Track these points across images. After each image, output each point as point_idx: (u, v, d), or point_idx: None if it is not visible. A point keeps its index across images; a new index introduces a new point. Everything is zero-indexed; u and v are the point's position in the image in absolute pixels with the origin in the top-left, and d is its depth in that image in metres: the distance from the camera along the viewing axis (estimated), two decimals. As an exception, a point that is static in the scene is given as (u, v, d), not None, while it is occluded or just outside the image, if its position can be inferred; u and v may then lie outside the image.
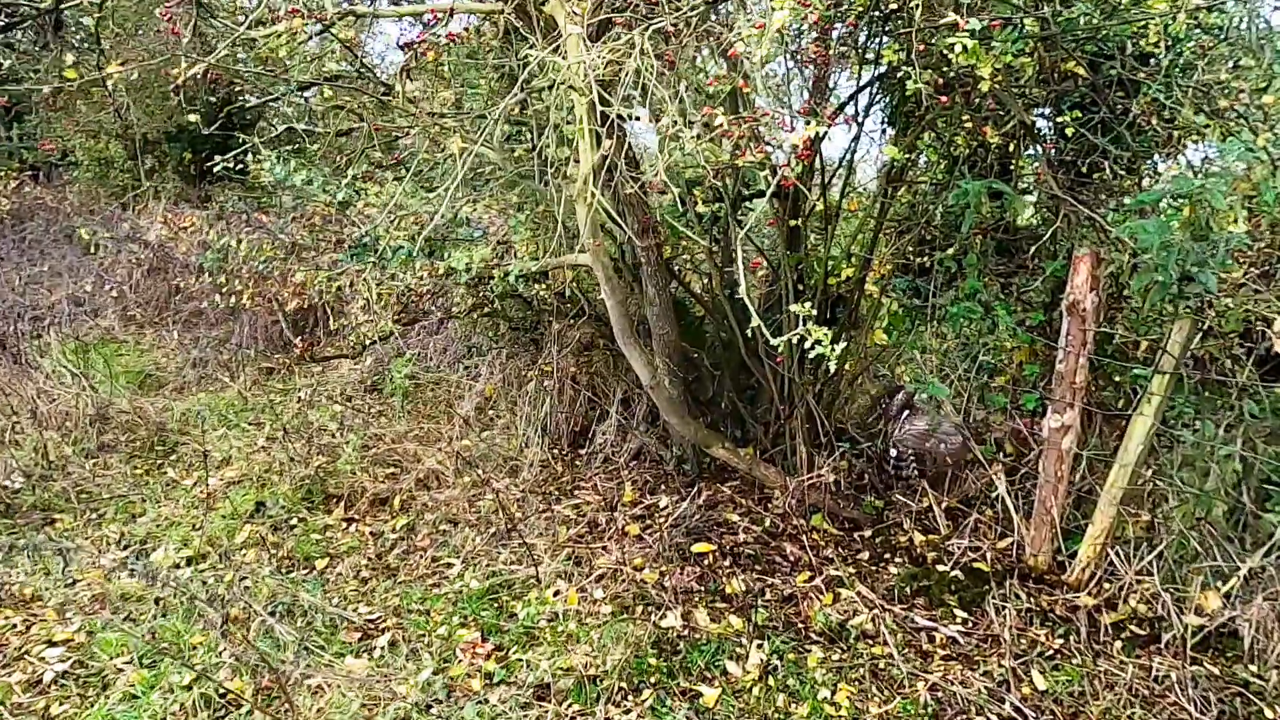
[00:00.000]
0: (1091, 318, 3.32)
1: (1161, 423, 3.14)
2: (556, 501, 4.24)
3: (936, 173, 4.06)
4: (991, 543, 3.70)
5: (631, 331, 3.42)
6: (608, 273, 3.17)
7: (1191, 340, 3.01)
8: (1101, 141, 3.16)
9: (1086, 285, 3.28)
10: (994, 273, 3.70)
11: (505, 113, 3.10)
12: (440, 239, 4.23)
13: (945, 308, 3.59)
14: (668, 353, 3.95)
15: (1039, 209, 3.51)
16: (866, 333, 4.26)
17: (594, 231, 3.02)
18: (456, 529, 4.07)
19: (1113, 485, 3.28)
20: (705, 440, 3.94)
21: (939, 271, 3.83)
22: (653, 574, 3.50)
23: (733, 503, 4.10)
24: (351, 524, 4.27)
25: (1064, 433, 3.40)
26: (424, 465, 4.67)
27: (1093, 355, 3.35)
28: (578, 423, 5.06)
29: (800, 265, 4.19)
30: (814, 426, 4.12)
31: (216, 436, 5.60)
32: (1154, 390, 3.12)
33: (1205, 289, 2.63)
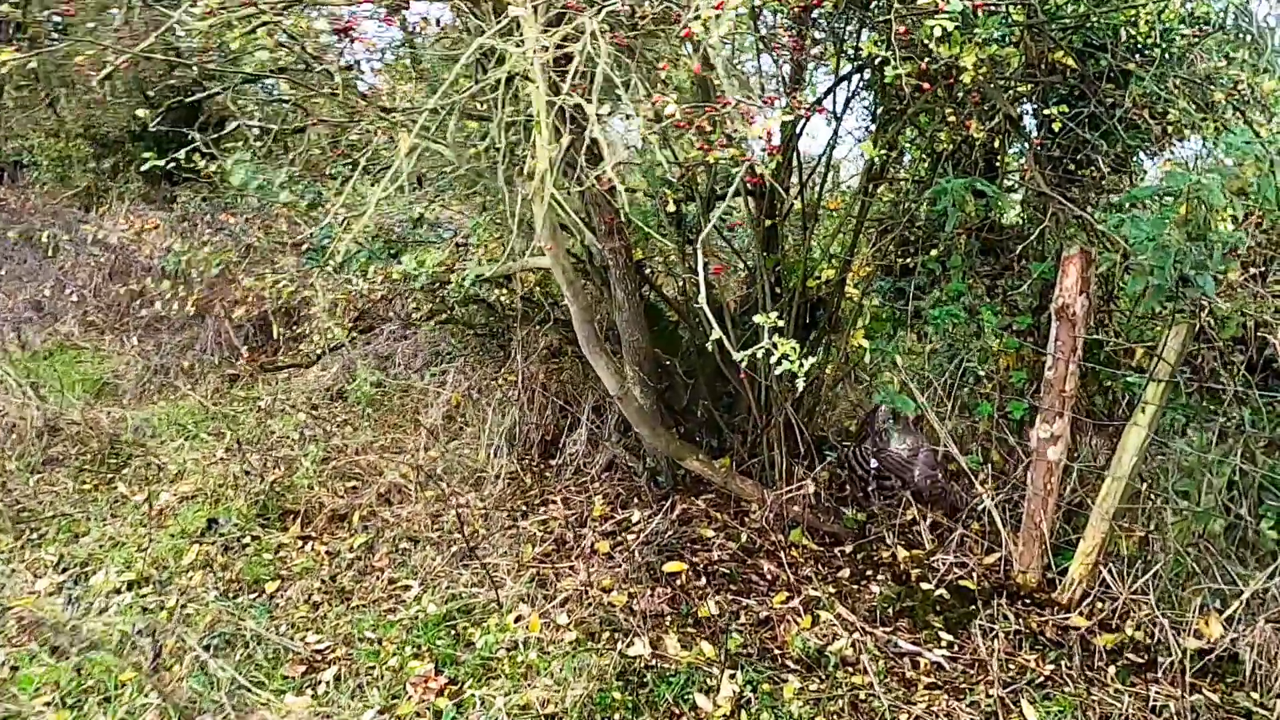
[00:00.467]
0: (1082, 322, 3.14)
1: (1156, 433, 2.97)
2: (523, 516, 4.03)
3: (919, 170, 3.88)
4: (978, 558, 3.52)
5: (597, 339, 3.22)
6: (569, 277, 2.96)
7: (1187, 346, 2.84)
8: (1092, 137, 2.98)
9: (1076, 288, 3.10)
10: (979, 274, 3.52)
11: (460, 106, 2.90)
12: (401, 241, 4.02)
13: (927, 311, 3.41)
14: (638, 360, 3.75)
15: (1025, 207, 3.34)
16: (847, 337, 4.08)
17: (552, 233, 2.82)
18: (417, 547, 3.85)
19: (1105, 499, 3.10)
20: (678, 452, 3.74)
21: (921, 273, 3.64)
22: (621, 596, 3.30)
23: (708, 517, 3.91)
24: (307, 542, 4.05)
25: (1053, 443, 3.23)
26: (386, 479, 4.45)
27: (1083, 362, 3.17)
28: (548, 431, 4.85)
29: (778, 267, 4.00)
30: (793, 435, 3.93)
31: (173, 448, 5.35)
32: (1148, 399, 2.95)
33: (1203, 293, 2.46)
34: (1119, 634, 2.95)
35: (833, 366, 4.26)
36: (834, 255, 4.02)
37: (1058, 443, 3.22)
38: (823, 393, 4.18)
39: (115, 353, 7.44)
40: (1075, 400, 3.24)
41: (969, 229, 3.44)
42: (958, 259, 3.46)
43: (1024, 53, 3.23)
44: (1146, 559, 3.08)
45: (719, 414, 4.21)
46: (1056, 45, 3.10)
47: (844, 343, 4.12)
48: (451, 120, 2.94)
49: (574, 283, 2.98)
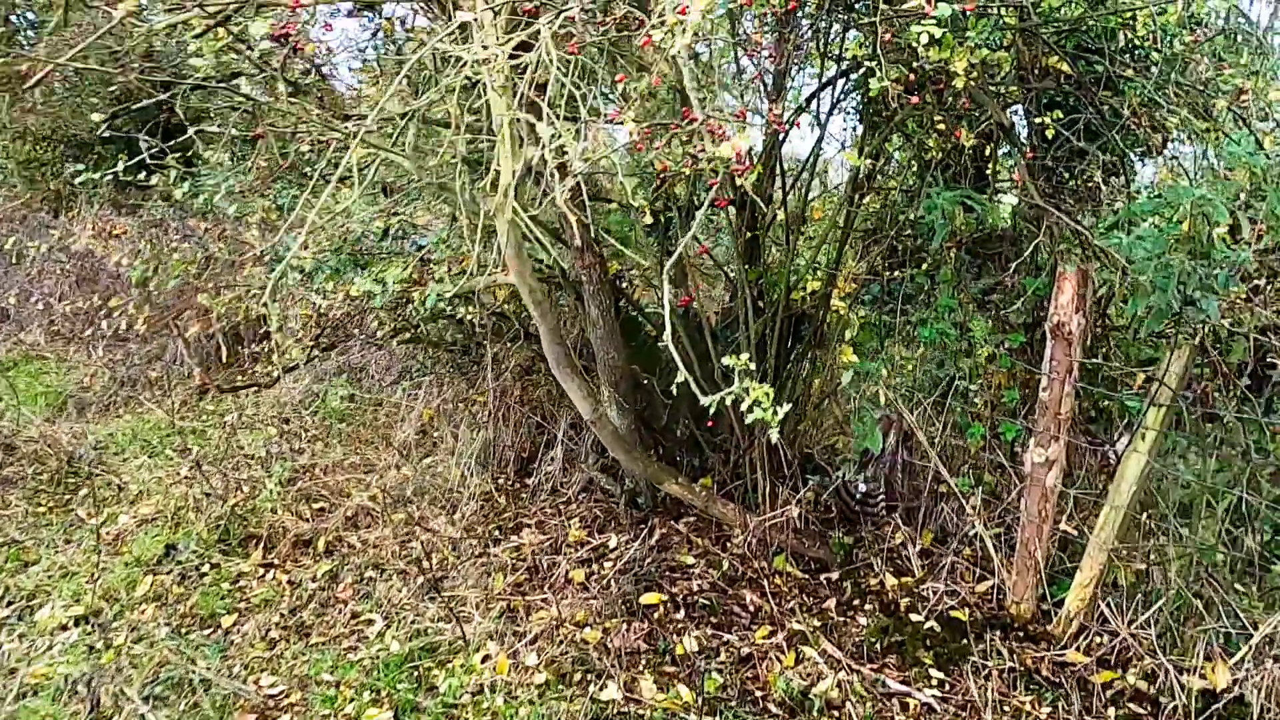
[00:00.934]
0: (1078, 341, 2.98)
1: (1157, 460, 2.82)
2: (495, 542, 3.85)
3: (907, 178, 3.71)
4: (970, 586, 3.36)
5: (569, 360, 3.04)
6: (536, 296, 2.78)
7: (1189, 369, 2.69)
8: (1090, 149, 2.82)
9: (1072, 305, 2.95)
10: (969, 289, 3.36)
11: (420, 114, 2.71)
12: (368, 253, 3.83)
13: (917, 328, 3.25)
14: (614, 379, 3.57)
15: (1015, 220, 3.17)
16: (832, 352, 3.91)
17: (517, 251, 2.64)
18: (382, 577, 3.67)
19: (1102, 528, 2.95)
20: (656, 476, 3.57)
21: (910, 287, 3.48)
22: (595, 632, 3.13)
23: (689, 542, 3.74)
24: (269, 570, 3.86)
25: (1048, 468, 3.07)
26: (354, 501, 4.26)
27: (1079, 383, 3.02)
28: (524, 448, 4.67)
29: (760, 280, 3.83)
30: (777, 456, 3.77)
31: (135, 466, 5.15)
32: (1149, 424, 2.80)
33: (1207, 315, 2.30)
34: (1118, 672, 2.80)
35: (819, 382, 4.10)
36: (819, 267, 3.85)
37: (1053, 467, 3.07)
38: (807, 410, 4.01)
39: (81, 363, 7.22)
40: (1071, 423, 3.08)
41: (959, 242, 3.28)
42: (947, 272, 3.30)
43: (1016, 57, 3.07)
44: (1146, 591, 2.93)
45: (700, 432, 4.04)
46: (1050, 49, 2.94)
47: (830, 358, 3.95)
48: (410, 129, 2.76)
49: (541, 303, 2.80)
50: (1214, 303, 2.28)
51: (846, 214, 3.73)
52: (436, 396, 4.76)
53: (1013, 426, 3.24)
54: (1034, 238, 3.13)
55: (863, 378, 3.45)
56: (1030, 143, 3.10)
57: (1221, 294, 2.38)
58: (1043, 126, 3.13)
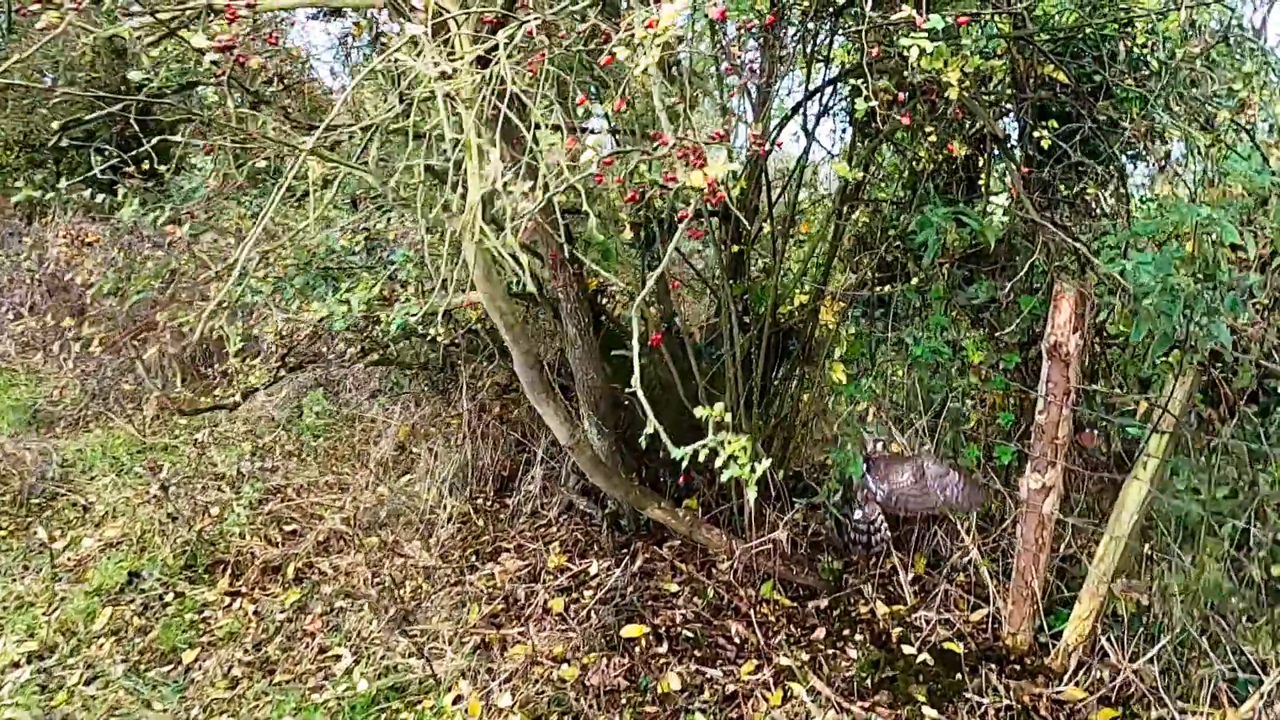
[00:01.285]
0: (1076, 362, 2.86)
1: (1159, 489, 2.69)
2: (472, 569, 3.70)
3: (897, 189, 3.58)
4: (964, 615, 3.24)
5: (543, 384, 2.90)
6: (508, 319, 2.64)
7: (1193, 395, 2.56)
8: (1090, 164, 2.69)
9: (1069, 326, 2.82)
10: (963, 306, 3.23)
11: (384, 127, 2.56)
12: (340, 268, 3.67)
13: (909, 348, 3.12)
14: (594, 400, 3.43)
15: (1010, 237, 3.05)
16: (821, 369, 3.78)
17: (486, 273, 2.49)
18: (353, 607, 3.51)
19: (1102, 559, 2.82)
20: (638, 501, 3.43)
21: (900, 303, 3.35)
22: (573, 669, 2.98)
23: (672, 568, 3.60)
24: (236, 599, 3.70)
25: (1045, 495, 2.94)
26: (325, 525, 4.10)
27: (1077, 406, 2.89)
28: (504, 467, 4.52)
29: (745, 295, 3.70)
30: (764, 478, 3.63)
31: (103, 485, 4.97)
32: (1151, 451, 2.67)
33: (1218, 342, 2.17)
34: (1119, 711, 2.67)
35: (808, 398, 3.96)
36: (807, 279, 3.72)
37: (1050, 494, 2.94)
38: (796, 428, 3.88)
39: (52, 375, 7.02)
40: (1069, 448, 2.96)
41: (952, 257, 3.15)
42: (939, 288, 3.17)
43: (1011, 66, 2.94)
44: (1147, 623, 2.80)
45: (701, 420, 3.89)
46: (1046, 58, 2.81)
47: (819, 374, 3.82)
48: (374, 144, 2.61)
49: (513, 326, 2.66)
50: (1224, 327, 2.15)
51: (835, 227, 3.60)
52: (413, 413, 4.61)
53: (1007, 450, 3.11)
54: (1030, 254, 3.00)
55: (850, 399, 3.32)
56: (1025, 153, 2.97)
57: (1227, 316, 2.26)
58: (1038, 138, 3.00)
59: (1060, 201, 3.06)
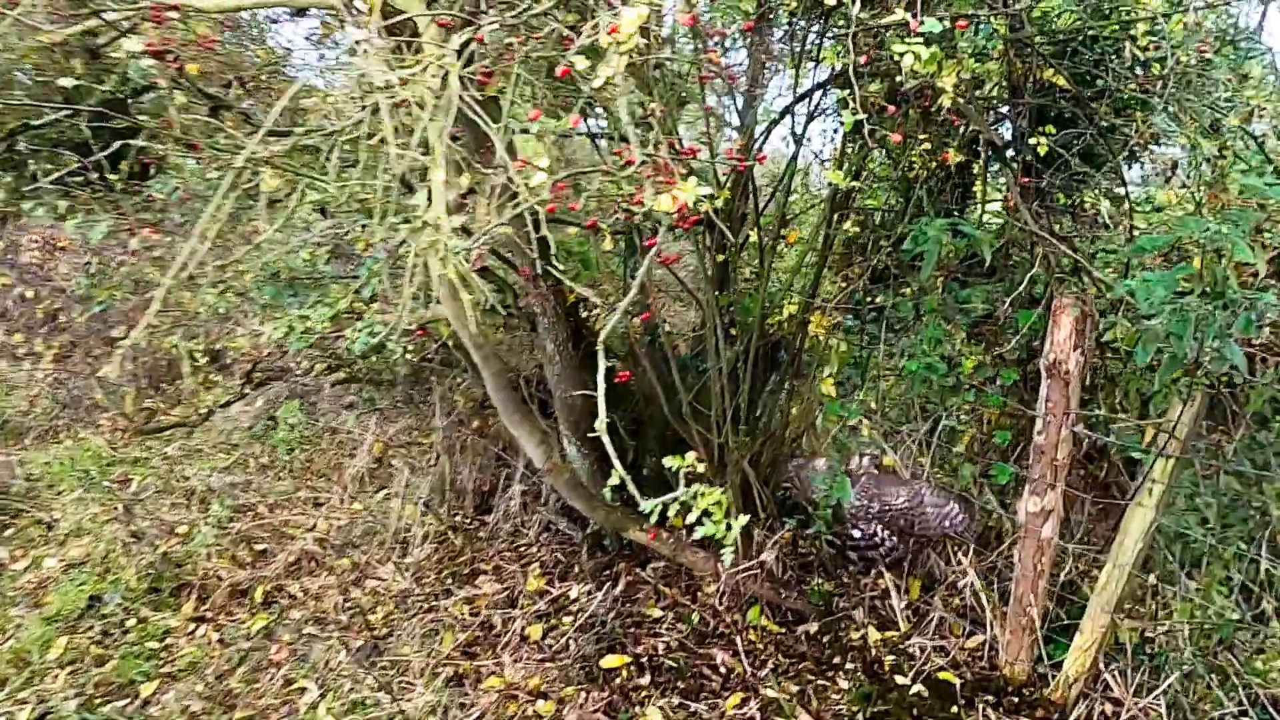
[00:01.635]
0: (1076, 381, 2.72)
1: (1166, 515, 2.56)
2: (447, 593, 3.55)
3: (890, 198, 3.44)
4: (960, 642, 3.10)
5: (517, 404, 2.75)
6: (477, 339, 2.49)
7: (1201, 419, 2.43)
8: (1091, 172, 2.55)
9: (1070, 342, 2.68)
10: (958, 318, 3.09)
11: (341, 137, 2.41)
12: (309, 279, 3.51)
13: (901, 360, 2.98)
14: (574, 419, 3.28)
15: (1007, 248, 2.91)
16: (811, 382, 3.64)
17: (453, 292, 2.34)
18: (323, 634, 3.36)
19: (1104, 588, 2.69)
20: (620, 524, 3.28)
21: (893, 316, 3.21)
22: (550, 704, 2.84)
23: (656, 592, 3.45)
24: (201, 625, 3.54)
25: (1044, 519, 2.81)
26: (297, 545, 3.94)
27: (1077, 427, 2.75)
28: (484, 482, 4.37)
29: (732, 307, 3.56)
30: (751, 496, 3.49)
31: (70, 500, 4.80)
32: (1156, 476, 2.54)
33: (1233, 365, 2.04)
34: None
35: (798, 411, 3.81)
36: (796, 290, 3.58)
37: (1049, 518, 2.81)
38: (784, 444, 3.73)
39: (24, 383, 6.83)
40: (1069, 470, 2.82)
41: (948, 272, 3.01)
42: (933, 300, 3.03)
43: (1007, 69, 2.80)
44: (1152, 655, 2.67)
45: (669, 471, 3.74)
46: (1045, 61, 2.67)
47: (809, 388, 3.68)
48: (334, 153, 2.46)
49: (483, 346, 2.51)
50: (1238, 350, 2.02)
51: (825, 235, 3.46)
52: (388, 428, 4.45)
53: (1005, 469, 2.97)
54: (1028, 266, 2.87)
55: (837, 415, 3.18)
56: (1021, 160, 2.84)
57: (1240, 338, 2.12)
58: (1035, 144, 2.87)
59: (1059, 211, 2.93)
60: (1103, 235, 2.76)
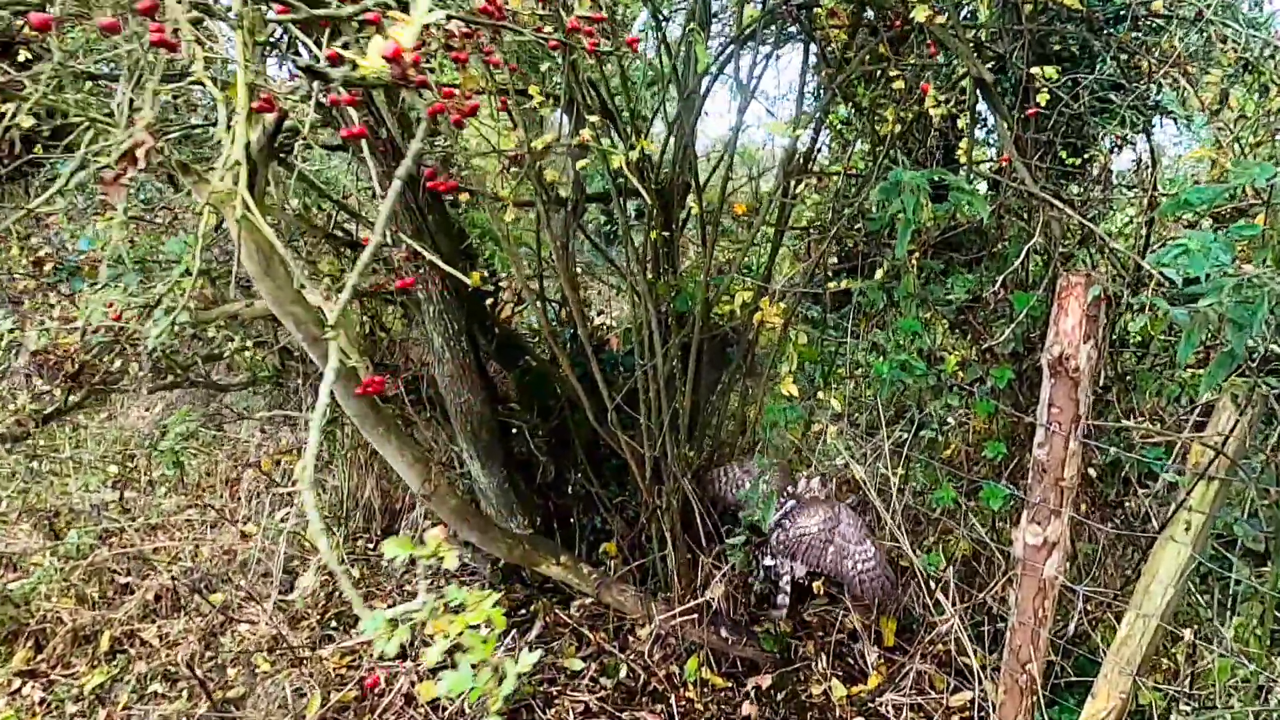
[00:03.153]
0: (1088, 381, 2.16)
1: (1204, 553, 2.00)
2: (327, 640, 2.95)
3: (857, 161, 2.86)
4: (942, 700, 2.54)
5: (379, 417, 2.15)
6: (309, 331, 1.89)
7: (1255, 432, 1.87)
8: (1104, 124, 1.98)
9: (1079, 332, 2.11)
10: (940, 305, 2.52)
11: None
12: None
13: (871, 357, 2.41)
14: (473, 427, 2.69)
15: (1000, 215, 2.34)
16: (766, 383, 3.06)
17: (265, 267, 1.75)
18: (172, 691, 2.76)
19: (1125, 643, 2.13)
20: (528, 558, 2.68)
21: (862, 302, 2.64)
22: (429, 793, 2.25)
23: (579, 638, 2.87)
24: (30, 681, 2.92)
25: (1046, 552, 2.24)
26: (163, 579, 3.33)
27: (1090, 438, 2.19)
28: (396, 498, 3.77)
29: (674, 292, 2.97)
30: (693, 520, 2.91)
31: (-75, 522, 4.14)
32: (1193, 503, 1.97)
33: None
34: None
35: (754, 417, 3.23)
36: (748, 274, 3.00)
37: (1053, 552, 2.24)
38: (736, 456, 3.15)
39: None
40: (1079, 493, 2.26)
41: (925, 243, 2.44)
42: (910, 283, 2.45)
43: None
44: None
45: (600, 488, 3.16)
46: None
47: (763, 389, 3.10)
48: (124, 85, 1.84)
49: (319, 339, 1.91)
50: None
51: (781, 207, 2.88)
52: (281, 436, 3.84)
53: (998, 490, 2.40)
54: (1026, 238, 2.30)
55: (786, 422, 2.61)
56: (1020, 105, 2.26)
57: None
58: (1034, 89, 2.30)
59: (1065, 172, 2.36)
60: (1121, 196, 2.19)
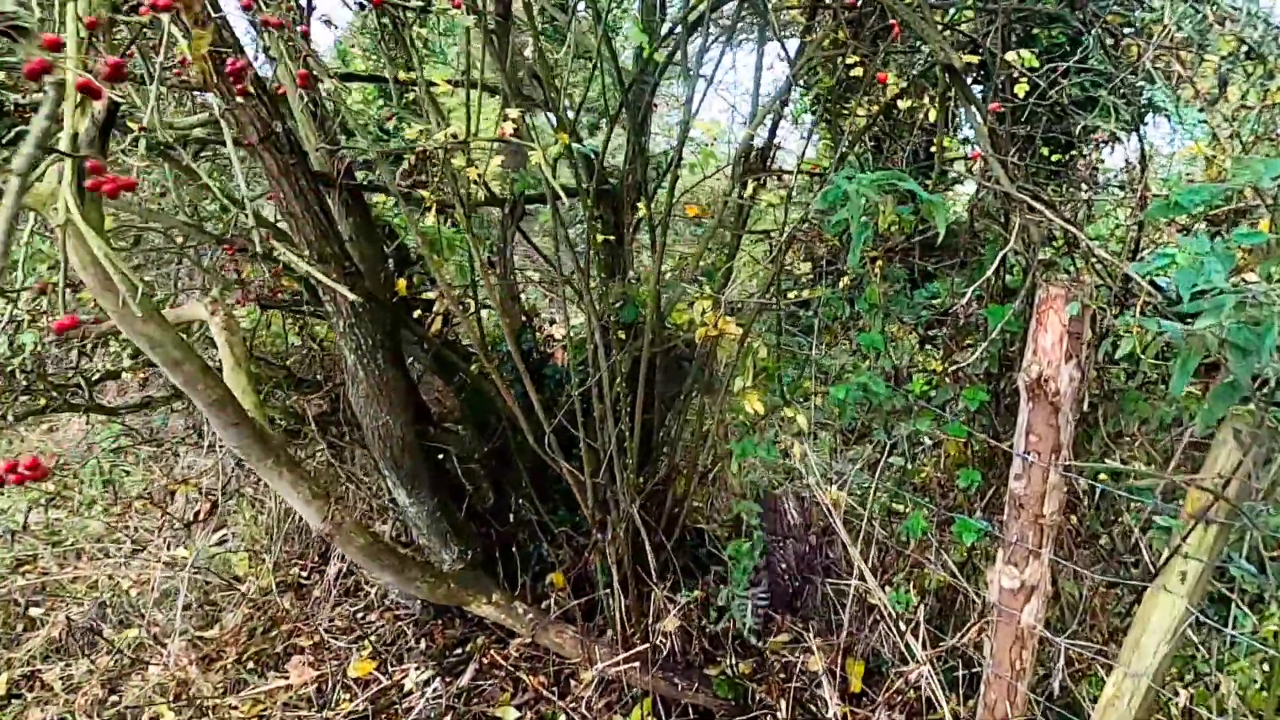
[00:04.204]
0: (1071, 405, 1.91)
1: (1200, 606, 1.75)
2: (240, 685, 2.68)
3: (821, 155, 2.61)
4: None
5: (269, 449, 1.89)
6: (169, 355, 1.62)
7: (1259, 471, 1.62)
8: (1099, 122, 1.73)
9: (1060, 350, 1.87)
10: (905, 318, 2.27)
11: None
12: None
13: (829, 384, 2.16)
14: (394, 454, 2.43)
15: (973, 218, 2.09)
16: (723, 400, 2.80)
17: (103, 280, 1.49)
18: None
19: (1112, 704, 1.88)
20: (456, 598, 2.42)
21: (824, 314, 2.39)
22: None
23: (514, 682, 2.61)
24: (-87, 730, 2.66)
25: (1024, 598, 2.00)
26: (70, 613, 3.06)
27: (1070, 471, 1.94)
28: (335, 522, 3.50)
29: (621, 304, 2.72)
30: (643, 551, 2.66)
31: None
32: (1190, 549, 1.72)
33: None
34: None
35: (712, 439, 2.98)
36: (706, 281, 2.75)
37: (1032, 598, 1.99)
38: (690, 485, 2.89)
39: None
40: (1061, 531, 2.01)
41: (891, 250, 2.19)
42: (873, 294, 2.20)
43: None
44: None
45: (546, 513, 2.91)
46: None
47: (720, 408, 2.84)
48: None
49: (181, 362, 1.65)
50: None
51: (739, 209, 2.63)
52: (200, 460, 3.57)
53: (971, 525, 2.15)
54: (1001, 244, 2.05)
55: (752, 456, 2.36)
56: (996, 96, 2.01)
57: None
58: (1014, 76, 2.06)
59: (1045, 167, 2.11)
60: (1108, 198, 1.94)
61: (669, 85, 3.27)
